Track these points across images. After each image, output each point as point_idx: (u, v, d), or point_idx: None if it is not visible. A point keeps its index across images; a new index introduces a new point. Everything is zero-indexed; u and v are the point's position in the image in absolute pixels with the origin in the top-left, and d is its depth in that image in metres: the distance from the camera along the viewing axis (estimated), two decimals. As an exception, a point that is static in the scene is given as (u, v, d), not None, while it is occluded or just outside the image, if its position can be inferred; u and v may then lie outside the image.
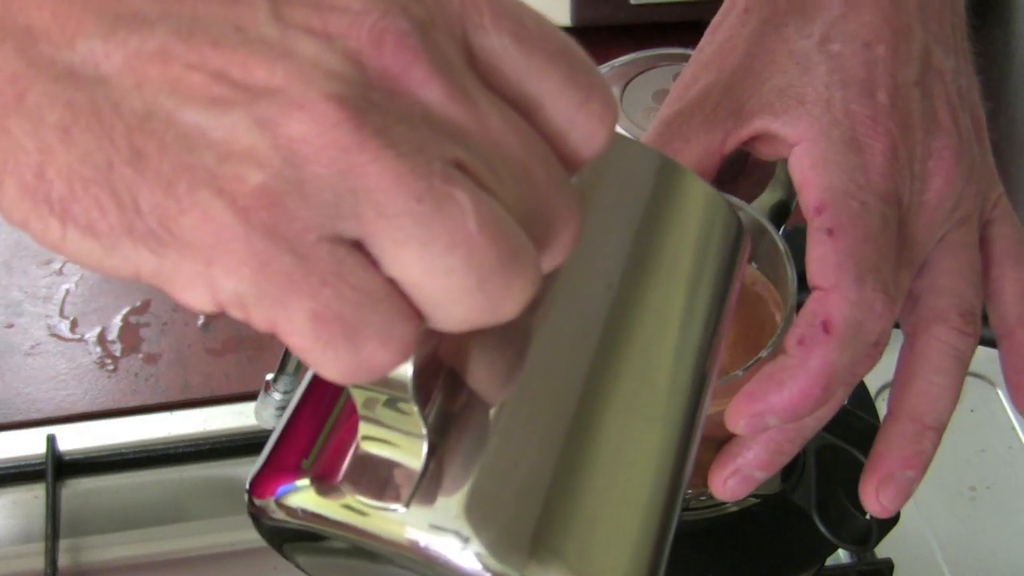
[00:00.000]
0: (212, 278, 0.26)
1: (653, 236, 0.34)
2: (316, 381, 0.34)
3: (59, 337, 0.83)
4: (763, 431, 0.43)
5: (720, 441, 0.45)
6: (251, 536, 0.34)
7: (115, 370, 0.81)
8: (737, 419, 0.42)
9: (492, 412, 0.31)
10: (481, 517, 0.30)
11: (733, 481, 0.44)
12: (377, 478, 0.30)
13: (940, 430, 0.45)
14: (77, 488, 0.76)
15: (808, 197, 0.42)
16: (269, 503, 0.32)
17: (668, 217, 0.35)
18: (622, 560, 0.31)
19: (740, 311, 0.44)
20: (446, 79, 0.26)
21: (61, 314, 0.84)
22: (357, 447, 0.31)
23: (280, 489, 0.32)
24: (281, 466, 0.32)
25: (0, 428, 0.78)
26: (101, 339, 0.82)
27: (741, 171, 0.50)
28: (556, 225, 0.28)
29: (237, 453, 0.77)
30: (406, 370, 0.28)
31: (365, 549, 0.31)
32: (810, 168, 0.42)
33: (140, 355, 0.82)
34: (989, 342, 0.49)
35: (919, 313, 0.45)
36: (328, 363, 0.26)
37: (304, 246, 0.26)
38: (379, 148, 0.25)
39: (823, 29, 0.44)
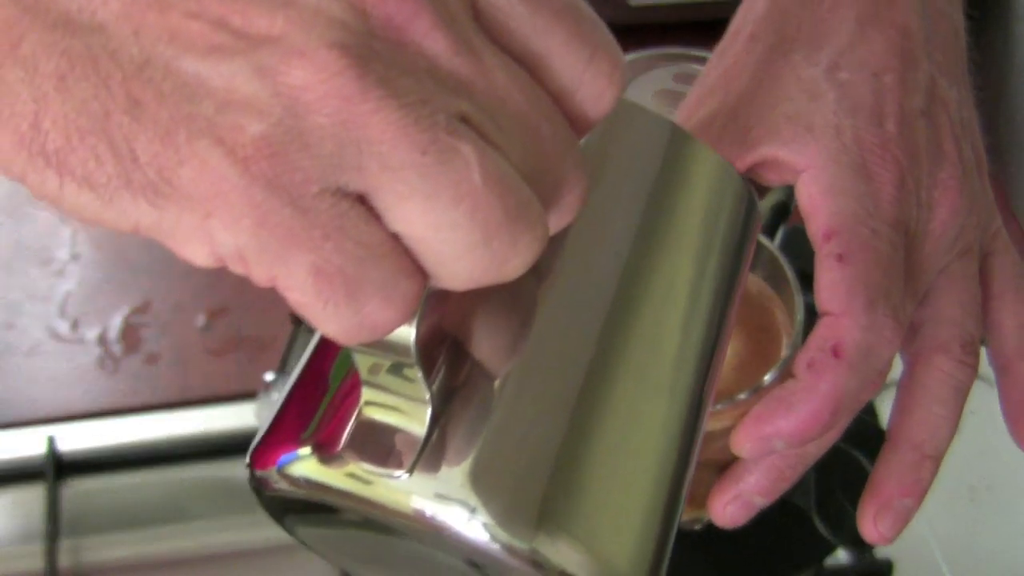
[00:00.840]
0: (211, 231, 0.25)
1: (663, 204, 0.34)
2: (316, 354, 0.33)
3: (59, 337, 0.83)
4: (768, 455, 0.43)
5: (720, 465, 0.45)
6: (251, 536, 0.34)
7: (115, 370, 0.81)
8: (743, 442, 0.42)
9: (497, 381, 0.30)
10: (488, 487, 0.29)
11: (733, 507, 0.44)
12: (380, 445, 0.30)
13: (938, 459, 0.45)
14: (77, 488, 0.76)
15: (817, 223, 0.42)
16: (271, 473, 0.31)
17: (678, 186, 0.34)
18: (631, 531, 0.31)
19: (748, 324, 0.44)
20: (450, 31, 0.26)
21: (61, 314, 0.84)
22: (360, 413, 0.30)
23: (282, 459, 0.31)
24: (282, 436, 0.32)
25: (0, 428, 0.78)
26: (101, 339, 0.82)
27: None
28: (562, 185, 0.27)
29: (237, 453, 0.77)
30: (409, 332, 0.28)
31: (369, 520, 0.30)
32: (819, 194, 0.42)
33: (140, 355, 0.81)
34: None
35: (920, 342, 0.45)
36: (329, 320, 0.26)
37: (305, 198, 0.25)
38: (382, 98, 0.25)
39: (831, 57, 0.44)
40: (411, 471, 0.29)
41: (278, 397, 0.66)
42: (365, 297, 0.26)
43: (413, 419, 0.29)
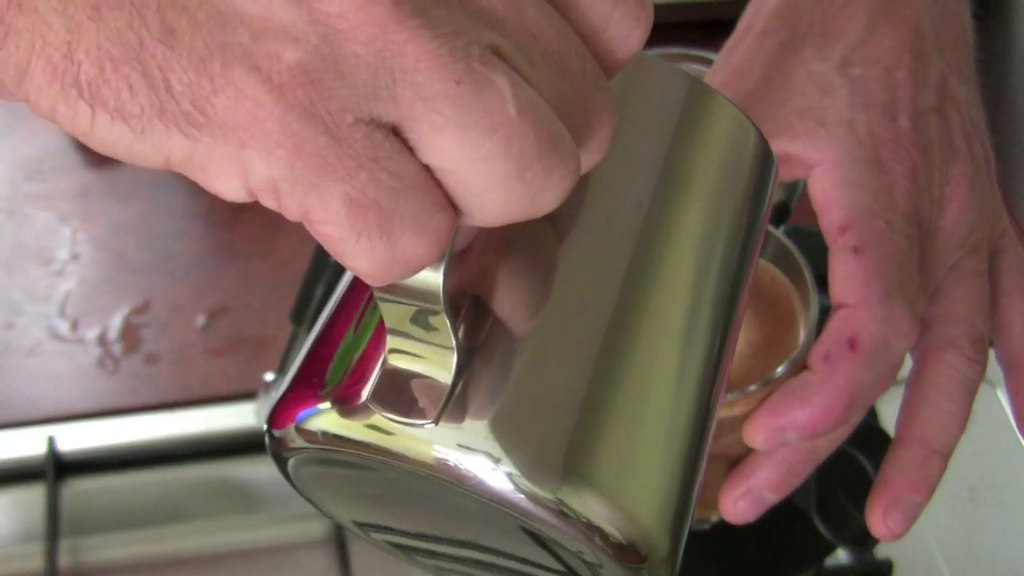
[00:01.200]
0: (246, 161, 0.25)
1: (683, 156, 0.33)
2: (335, 313, 0.33)
3: (59, 337, 0.82)
4: (780, 447, 0.42)
5: (730, 462, 0.44)
6: (251, 536, 0.34)
7: (115, 370, 0.81)
8: (757, 433, 0.42)
9: (521, 332, 0.30)
10: (512, 438, 0.29)
11: (744, 503, 0.44)
12: (404, 395, 0.29)
13: (947, 456, 0.45)
14: (77, 488, 0.76)
15: (832, 217, 0.42)
16: (289, 431, 0.31)
17: (698, 137, 0.34)
18: (655, 483, 0.30)
19: (763, 311, 0.44)
20: None
21: (61, 314, 0.84)
22: (384, 363, 0.30)
23: (300, 414, 0.31)
24: (301, 394, 0.31)
25: (0, 428, 0.78)
26: (101, 339, 0.82)
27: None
28: (593, 121, 0.27)
29: (237, 453, 0.77)
30: (437, 276, 0.28)
31: (389, 474, 0.30)
32: (833, 188, 0.42)
33: (140, 355, 0.81)
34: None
35: (930, 339, 0.45)
36: (362, 254, 0.26)
37: (341, 128, 0.25)
38: (417, 27, 0.25)
39: (843, 53, 0.44)
40: (437, 420, 0.29)
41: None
42: (399, 229, 0.25)
43: (439, 368, 0.29)
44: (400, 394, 0.29)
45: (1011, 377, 0.48)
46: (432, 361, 0.29)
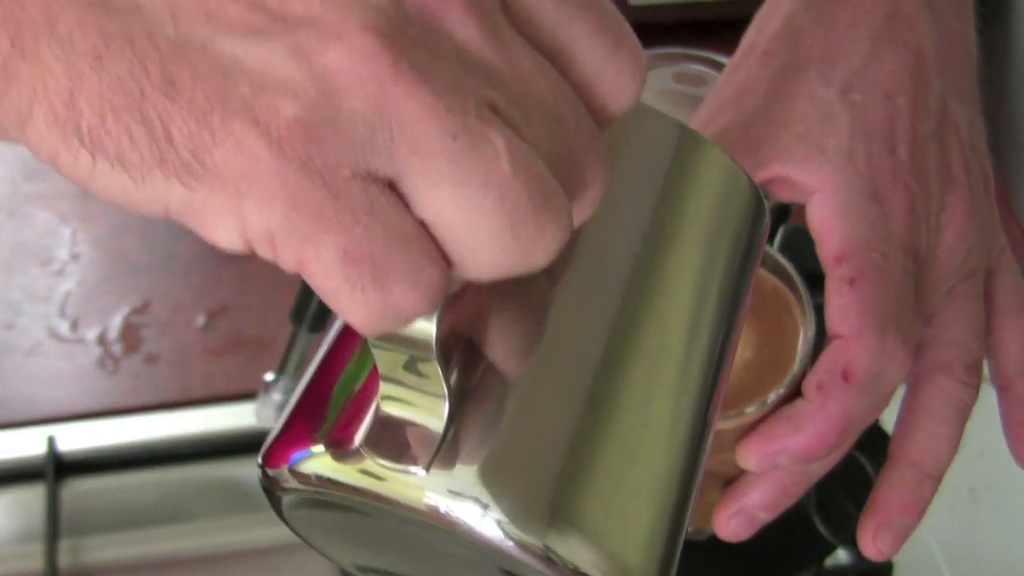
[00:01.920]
0: (243, 213, 0.26)
1: (675, 205, 0.34)
2: (329, 354, 0.33)
3: (59, 337, 0.82)
4: (772, 469, 0.43)
5: (725, 479, 0.45)
6: (251, 536, 0.34)
7: (115, 370, 0.81)
8: (749, 455, 0.42)
9: (512, 380, 0.31)
10: (501, 484, 0.29)
11: (737, 521, 0.44)
12: (396, 440, 0.30)
13: (939, 478, 0.45)
14: (77, 488, 0.76)
15: (829, 246, 0.43)
16: (282, 471, 0.31)
17: (689, 187, 0.34)
18: (642, 529, 0.31)
19: (762, 323, 0.44)
20: (481, 19, 0.26)
21: (61, 314, 0.84)
22: (377, 409, 0.30)
23: (294, 456, 0.31)
24: (295, 435, 0.32)
25: (0, 428, 0.78)
26: (101, 339, 0.82)
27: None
28: (586, 176, 0.28)
29: (237, 453, 0.77)
30: (430, 325, 0.28)
31: (380, 517, 0.31)
32: (831, 217, 0.43)
33: (140, 355, 0.81)
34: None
35: (924, 363, 0.45)
36: (356, 305, 0.26)
37: (337, 181, 0.25)
38: (415, 83, 0.25)
39: (845, 77, 0.44)
40: (428, 467, 0.29)
41: (279, 397, 0.66)
42: (392, 282, 0.26)
43: (430, 415, 0.29)
44: (392, 440, 0.30)
45: (1004, 399, 0.48)
46: (424, 408, 0.30)
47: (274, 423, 0.32)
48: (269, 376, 0.63)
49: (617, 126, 0.29)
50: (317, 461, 0.31)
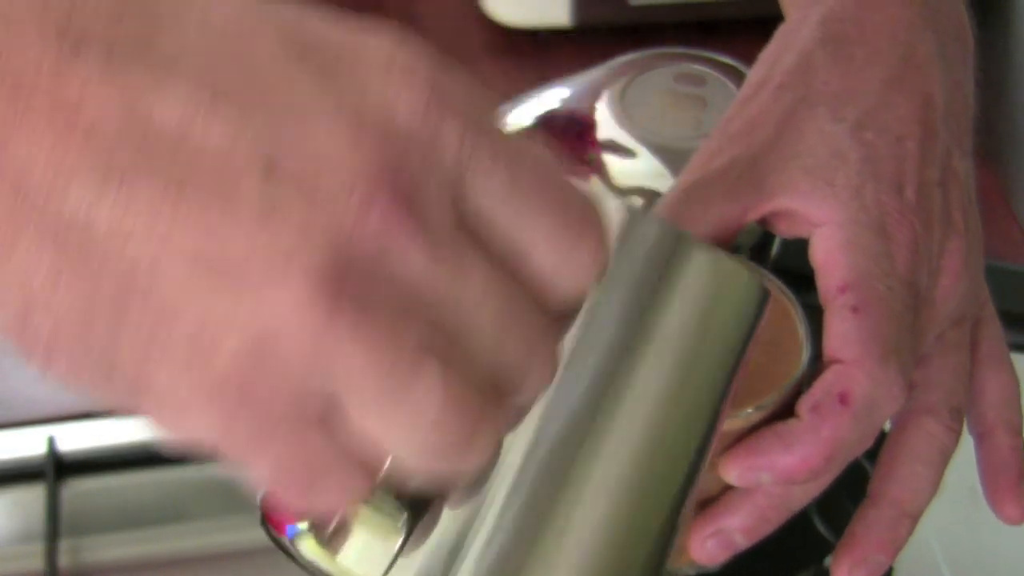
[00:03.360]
0: (184, 428, 0.28)
1: (662, 318, 0.34)
2: None
3: (59, 337, 0.82)
4: (754, 485, 0.43)
5: (701, 503, 0.44)
6: (251, 536, 0.35)
7: (115, 370, 0.81)
8: (732, 468, 0.42)
9: (474, 501, 0.32)
10: None
11: (712, 543, 0.44)
12: (357, 548, 0.32)
13: (916, 518, 0.46)
14: (77, 488, 0.76)
15: (832, 276, 0.43)
16: (283, 539, 0.34)
17: (678, 296, 0.34)
18: None
19: (768, 323, 0.43)
20: (430, 242, 0.27)
21: (61, 314, 0.84)
22: (341, 516, 0.32)
23: (289, 529, 0.34)
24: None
25: (0, 428, 0.78)
26: (101, 339, 0.82)
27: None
28: (528, 380, 0.29)
29: (237, 453, 0.77)
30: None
31: None
32: (836, 249, 0.43)
33: (140, 355, 0.81)
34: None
35: (910, 404, 0.45)
36: (288, 501, 0.30)
37: (272, 413, 0.27)
38: (352, 326, 0.26)
39: (857, 116, 0.45)
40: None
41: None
42: (320, 492, 0.28)
43: (386, 532, 0.32)
44: (353, 546, 0.33)
45: (983, 447, 0.48)
46: (380, 527, 0.32)
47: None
48: (269, 376, 0.63)
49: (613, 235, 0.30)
50: (305, 542, 0.33)
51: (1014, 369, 0.49)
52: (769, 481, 0.42)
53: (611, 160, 0.54)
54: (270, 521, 0.34)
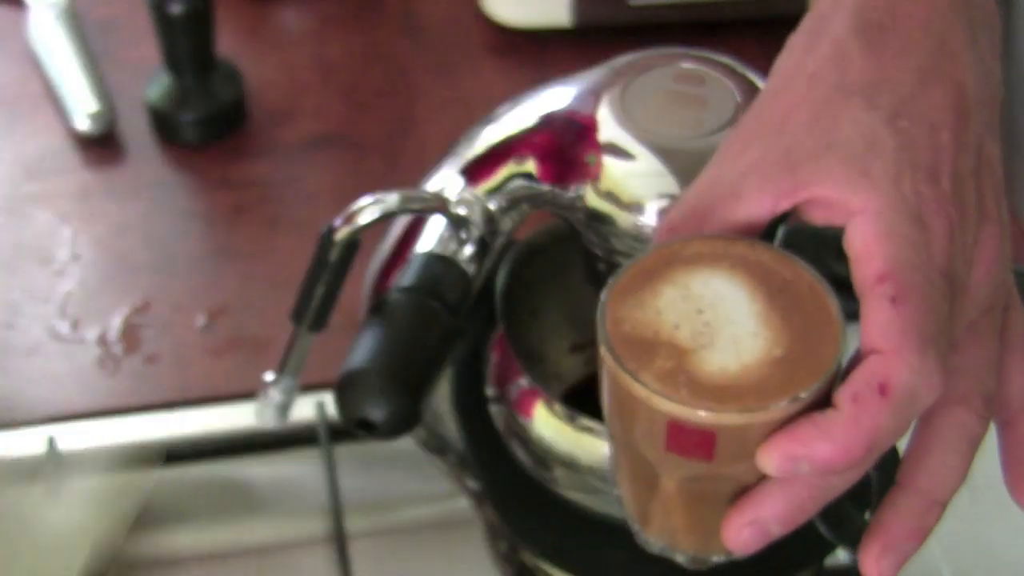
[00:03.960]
0: None
1: None
2: None
3: (59, 337, 0.83)
4: (791, 475, 0.43)
5: (733, 495, 0.44)
6: (251, 536, 0.35)
7: (115, 370, 0.81)
8: (771, 454, 0.42)
9: None
10: None
11: (749, 531, 0.44)
12: None
13: (945, 506, 0.46)
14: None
15: (871, 266, 0.42)
16: None
17: None
18: None
19: (795, 319, 0.43)
20: None
21: (61, 314, 0.84)
22: None
23: None
24: None
25: (0, 428, 0.78)
26: (101, 339, 0.82)
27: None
28: None
29: (237, 453, 0.77)
30: None
31: None
32: (874, 238, 0.43)
33: (140, 355, 0.82)
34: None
35: (944, 392, 0.45)
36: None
37: None
38: None
39: (892, 105, 0.45)
40: None
41: (279, 397, 0.66)
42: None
43: None
44: None
45: (1006, 434, 0.49)
46: None
47: (274, 423, 0.33)
48: (269, 376, 0.63)
49: None
50: None
51: None
52: (808, 471, 0.42)
53: (611, 160, 0.54)
54: None
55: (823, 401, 0.42)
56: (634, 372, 0.42)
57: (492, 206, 0.57)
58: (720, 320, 0.43)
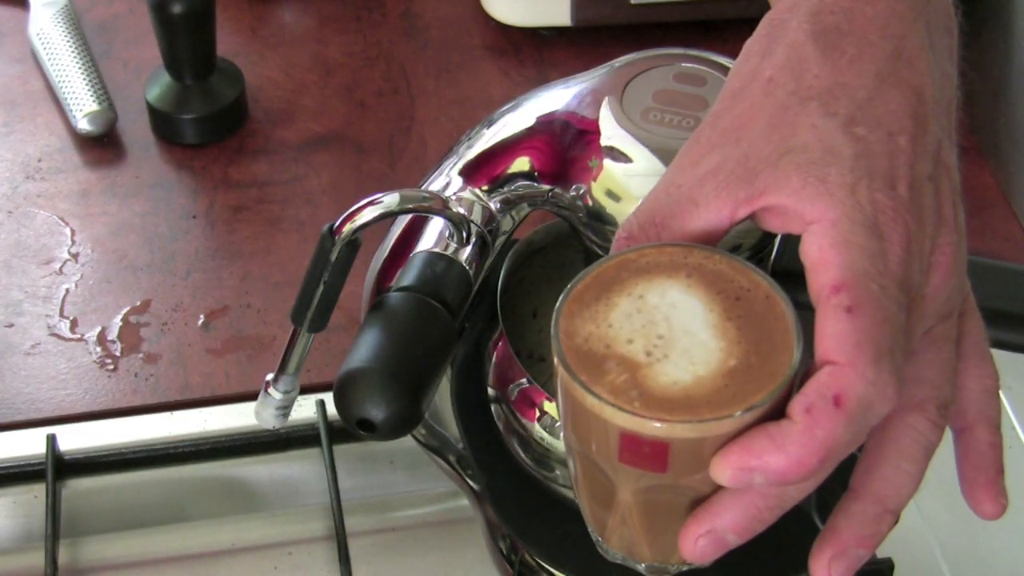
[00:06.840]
0: None
1: None
2: None
3: (59, 337, 0.83)
4: (746, 486, 0.42)
5: (690, 505, 0.44)
6: (251, 536, 0.34)
7: (115, 370, 0.81)
8: (725, 466, 0.42)
9: None
10: None
11: (705, 541, 0.43)
12: None
13: (898, 514, 0.46)
14: (77, 488, 0.76)
15: (825, 275, 0.42)
16: None
17: None
18: None
19: (752, 331, 0.43)
20: None
21: (61, 314, 0.84)
22: None
23: None
24: None
25: (0, 428, 0.78)
26: (101, 339, 0.82)
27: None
28: None
29: (237, 453, 0.77)
30: None
31: None
32: (830, 247, 0.42)
33: (140, 355, 0.82)
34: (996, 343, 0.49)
35: (899, 399, 0.45)
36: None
37: None
38: None
39: (850, 111, 0.44)
40: None
41: (279, 397, 0.65)
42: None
43: None
44: None
45: (961, 441, 0.48)
46: None
47: (274, 423, 0.32)
48: (269, 376, 0.63)
49: None
50: None
51: (994, 363, 0.49)
52: (762, 483, 0.42)
53: (611, 160, 0.54)
54: None
55: (778, 411, 0.42)
56: (587, 384, 0.41)
57: (492, 206, 0.57)
58: (675, 331, 0.42)
